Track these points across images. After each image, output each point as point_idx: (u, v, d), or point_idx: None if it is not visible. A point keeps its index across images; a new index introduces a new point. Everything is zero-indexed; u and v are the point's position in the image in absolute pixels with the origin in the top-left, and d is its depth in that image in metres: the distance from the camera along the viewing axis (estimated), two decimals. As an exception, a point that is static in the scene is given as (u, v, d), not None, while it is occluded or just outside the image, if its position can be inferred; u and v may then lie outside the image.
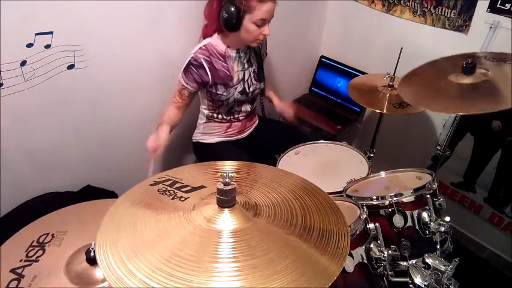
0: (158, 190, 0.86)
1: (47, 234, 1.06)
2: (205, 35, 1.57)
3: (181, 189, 0.86)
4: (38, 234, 1.06)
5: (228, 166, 0.98)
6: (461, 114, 1.49)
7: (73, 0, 1.28)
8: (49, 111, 1.41)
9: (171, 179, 0.90)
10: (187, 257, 0.66)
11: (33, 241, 1.04)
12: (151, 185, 0.89)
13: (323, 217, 0.79)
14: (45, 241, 1.04)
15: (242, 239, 0.71)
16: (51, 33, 1.28)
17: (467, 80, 1.32)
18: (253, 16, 1.41)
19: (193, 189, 0.87)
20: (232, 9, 1.39)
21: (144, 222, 0.76)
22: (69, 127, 1.51)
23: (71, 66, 1.39)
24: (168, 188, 0.87)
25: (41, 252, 1.01)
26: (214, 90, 1.57)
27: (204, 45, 1.53)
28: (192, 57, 1.50)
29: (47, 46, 1.29)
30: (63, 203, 1.21)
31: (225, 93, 1.59)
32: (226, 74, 1.56)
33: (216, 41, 1.55)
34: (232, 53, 1.57)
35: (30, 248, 1.02)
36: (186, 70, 1.51)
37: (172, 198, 0.83)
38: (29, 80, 1.29)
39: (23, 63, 1.25)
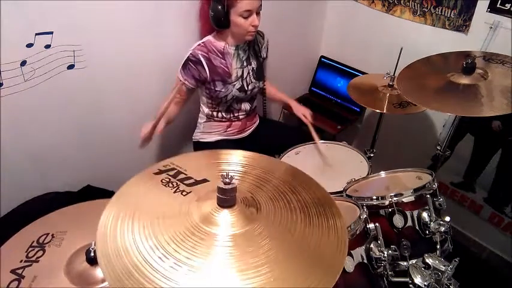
0: (161, 181, 0.85)
1: (47, 234, 1.06)
2: (203, 37, 1.59)
3: (184, 182, 0.85)
4: (38, 235, 1.06)
5: (229, 156, 0.97)
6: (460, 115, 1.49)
7: (73, 0, 1.28)
8: (49, 111, 1.41)
9: (176, 169, 0.89)
10: (186, 256, 0.67)
11: (33, 241, 1.04)
12: (155, 173, 0.88)
13: (324, 222, 0.79)
14: (45, 241, 1.04)
15: (241, 239, 0.71)
16: (51, 33, 1.28)
17: (466, 80, 1.33)
18: (237, 9, 1.43)
19: (196, 182, 0.86)
20: (218, 7, 1.43)
21: (145, 217, 0.76)
22: (69, 127, 1.51)
23: (71, 66, 1.39)
24: (171, 179, 0.86)
25: (41, 252, 1.00)
26: (212, 87, 1.58)
27: (202, 42, 1.55)
28: (190, 54, 1.52)
29: (47, 46, 1.29)
30: (63, 203, 1.20)
31: (223, 90, 1.59)
32: (224, 70, 1.57)
33: (215, 38, 1.57)
34: (231, 50, 1.58)
35: (30, 249, 1.01)
36: (185, 66, 1.53)
37: (175, 192, 0.83)
38: (29, 80, 1.29)
39: (23, 63, 1.25)
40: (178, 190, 0.83)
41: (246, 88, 1.66)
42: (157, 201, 0.81)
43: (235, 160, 0.95)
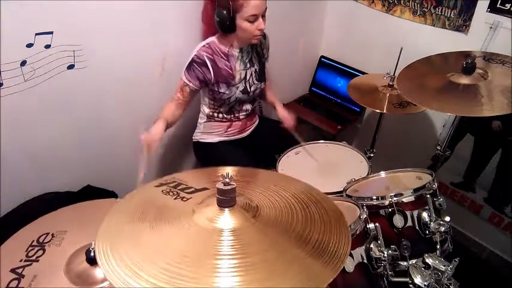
0: (162, 191, 0.87)
1: (47, 234, 1.06)
2: (206, 38, 1.58)
3: (185, 191, 0.87)
4: (38, 234, 1.06)
5: (234, 171, 0.98)
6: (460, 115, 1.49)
7: (73, 0, 1.28)
8: (49, 111, 1.41)
9: (176, 181, 0.91)
10: (184, 256, 0.67)
11: (33, 241, 1.04)
12: (156, 186, 0.89)
13: (325, 227, 0.78)
14: (45, 241, 1.04)
15: (240, 239, 0.71)
16: (51, 33, 1.28)
17: (466, 80, 1.33)
18: (243, 14, 1.42)
19: (196, 190, 0.87)
20: (223, 11, 1.41)
21: (145, 221, 0.76)
22: (69, 127, 1.51)
23: (71, 66, 1.39)
24: (172, 189, 0.87)
25: (41, 252, 1.01)
26: (216, 89, 1.57)
27: (207, 43, 1.54)
28: (195, 55, 1.52)
29: (47, 46, 1.29)
30: (63, 203, 1.21)
31: (227, 92, 1.59)
32: (228, 72, 1.57)
33: (219, 40, 1.56)
34: (235, 52, 1.58)
35: (30, 248, 1.01)
36: (189, 67, 1.52)
37: (175, 199, 0.84)
38: (29, 80, 1.29)
39: (23, 63, 1.25)
40: (178, 197, 0.84)
41: (249, 90, 1.65)
42: (157, 205, 0.82)
43: (237, 174, 0.96)
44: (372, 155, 1.85)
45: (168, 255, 0.67)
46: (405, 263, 1.17)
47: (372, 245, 1.09)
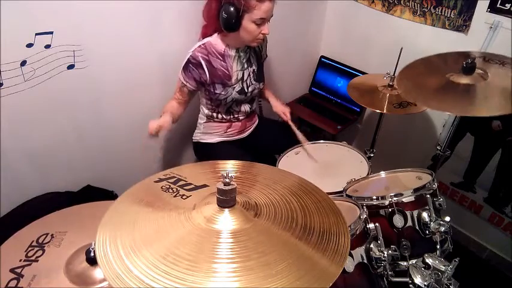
0: (162, 187, 0.87)
1: (47, 234, 1.06)
2: (204, 35, 1.57)
3: (184, 187, 0.87)
4: (38, 235, 1.06)
5: (231, 165, 0.98)
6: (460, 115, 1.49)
7: (73, 0, 1.28)
8: (49, 111, 1.41)
9: (176, 177, 0.91)
10: (184, 255, 0.67)
11: (33, 241, 1.04)
12: (156, 181, 0.89)
13: (323, 218, 0.79)
14: (44, 241, 1.04)
15: (241, 240, 0.71)
16: (51, 33, 1.28)
17: (466, 80, 1.33)
18: (252, 16, 1.41)
19: (196, 187, 0.87)
20: (232, 9, 1.40)
21: (145, 218, 0.77)
22: (69, 127, 1.51)
23: (71, 66, 1.39)
24: (172, 186, 0.87)
25: (40, 252, 1.01)
26: (212, 90, 1.57)
27: (203, 44, 1.53)
28: (190, 56, 1.51)
29: (47, 46, 1.29)
30: (63, 203, 1.21)
31: (223, 93, 1.59)
32: (224, 73, 1.56)
33: (215, 40, 1.55)
34: (232, 52, 1.57)
35: (30, 248, 1.02)
36: (185, 68, 1.52)
37: (175, 196, 0.84)
38: (29, 80, 1.29)
39: (23, 63, 1.25)
40: (178, 195, 0.84)
41: (246, 90, 1.65)
42: (157, 205, 0.82)
43: (233, 168, 0.97)
44: (372, 155, 1.85)
45: (167, 256, 0.67)
46: (405, 263, 1.17)
47: (372, 245, 1.09)
